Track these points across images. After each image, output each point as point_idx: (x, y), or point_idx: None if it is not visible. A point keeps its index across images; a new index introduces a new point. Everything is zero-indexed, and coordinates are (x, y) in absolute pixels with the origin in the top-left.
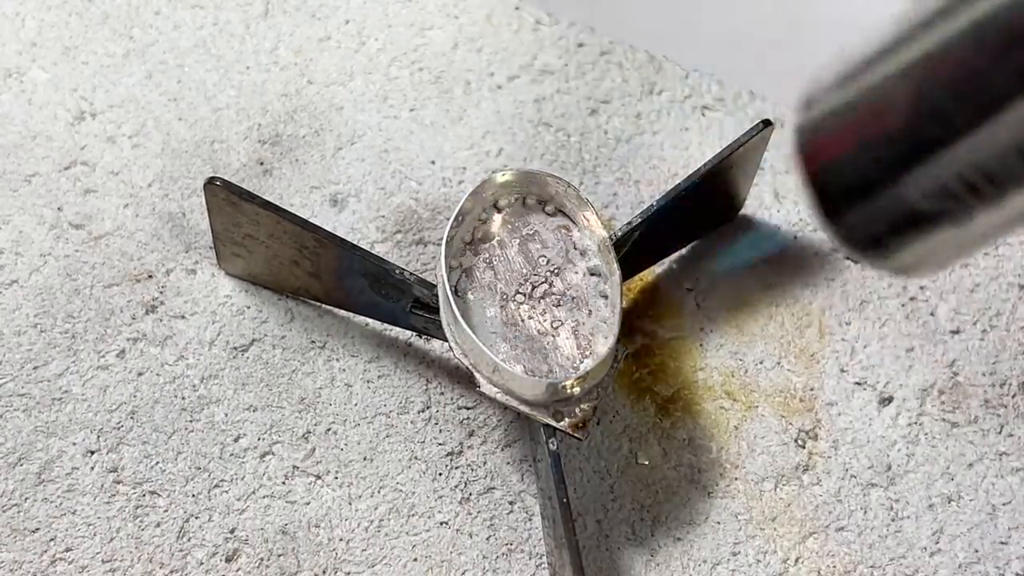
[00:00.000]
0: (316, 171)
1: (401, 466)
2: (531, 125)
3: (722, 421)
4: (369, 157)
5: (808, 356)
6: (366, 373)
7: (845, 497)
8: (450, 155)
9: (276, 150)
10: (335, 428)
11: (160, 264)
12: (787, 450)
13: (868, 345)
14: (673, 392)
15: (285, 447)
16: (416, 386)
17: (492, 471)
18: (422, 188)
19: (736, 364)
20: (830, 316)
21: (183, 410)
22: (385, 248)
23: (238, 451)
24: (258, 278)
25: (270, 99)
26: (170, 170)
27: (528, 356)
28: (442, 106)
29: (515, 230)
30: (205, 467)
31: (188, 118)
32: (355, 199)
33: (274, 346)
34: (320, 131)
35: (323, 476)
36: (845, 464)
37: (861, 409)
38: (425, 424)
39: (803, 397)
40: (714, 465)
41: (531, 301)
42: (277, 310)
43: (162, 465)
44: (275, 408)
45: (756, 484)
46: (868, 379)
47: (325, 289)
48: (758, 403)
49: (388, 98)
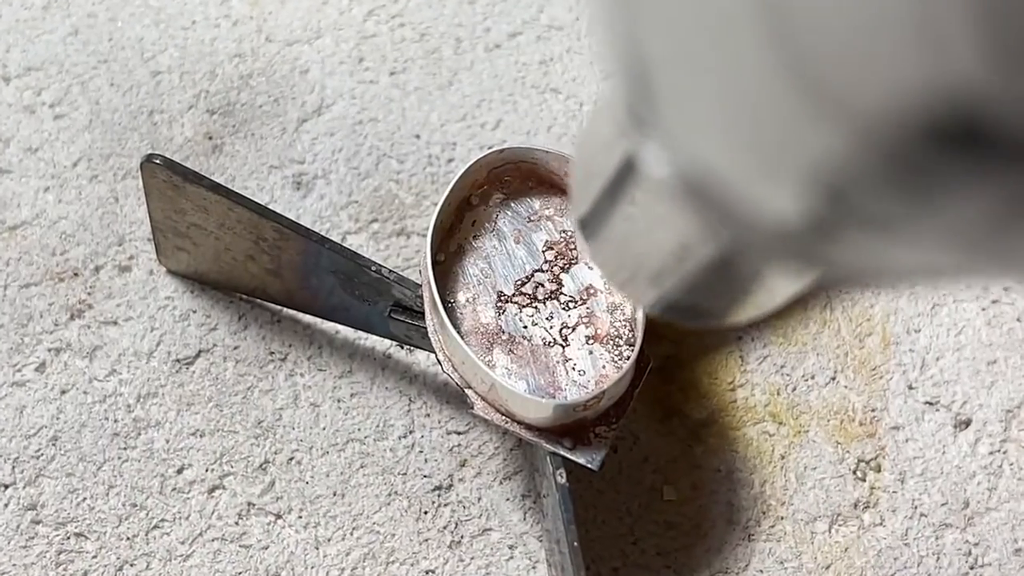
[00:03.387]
0: (276, 147)
1: (378, 503)
2: (535, 91)
3: (765, 449)
4: (340, 131)
5: (869, 370)
6: (336, 391)
7: (914, 540)
8: (438, 128)
9: (228, 122)
10: (299, 457)
11: (88, 260)
12: (844, 484)
13: (941, 357)
14: (707, 414)
15: (239, 480)
16: (396, 407)
17: (488, 509)
18: (404, 167)
19: (782, 380)
20: (895, 322)
21: (115, 435)
22: (359, 240)
23: (182, 485)
24: (206, 276)
25: (220, 61)
26: (100, 146)
27: (532, 371)
28: (428, 69)
29: (516, 217)
30: (142, 504)
31: (122, 84)
32: (323, 181)
33: (225, 358)
34: (281, 99)
35: (284, 515)
36: (914, 500)
37: (933, 434)
38: (407, 452)
39: (863, 420)
40: (756, 502)
41: (535, 304)
42: (229, 315)
43: (90, 502)
44: (226, 433)
45: (807, 525)
46: (941, 398)
47: (287, 289)
48: (809, 427)
49: (363, 59)
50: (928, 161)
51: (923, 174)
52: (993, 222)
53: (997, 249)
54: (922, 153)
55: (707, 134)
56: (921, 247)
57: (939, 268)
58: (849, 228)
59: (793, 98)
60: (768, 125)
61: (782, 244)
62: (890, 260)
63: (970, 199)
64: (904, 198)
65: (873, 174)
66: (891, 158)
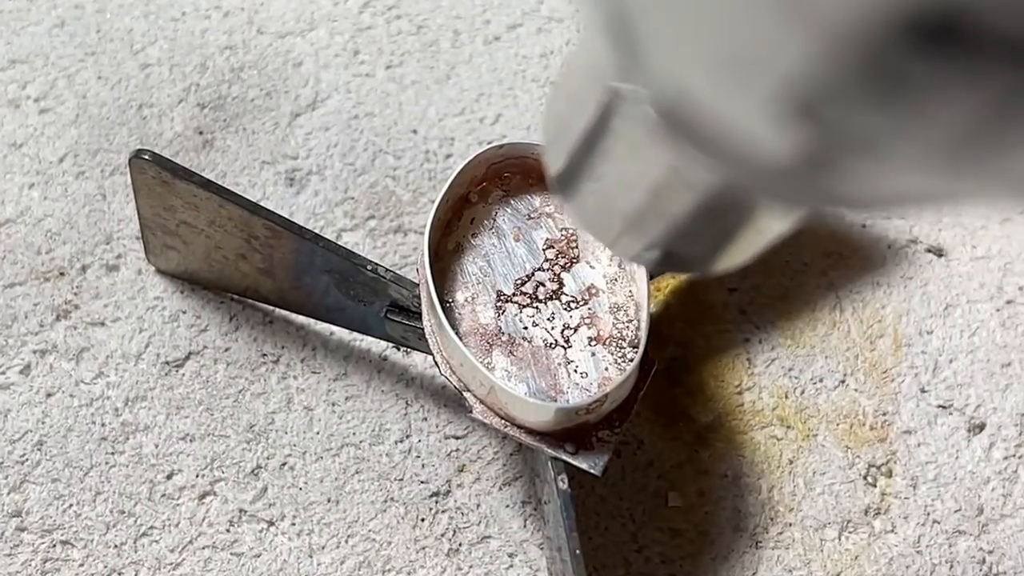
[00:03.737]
0: (268, 143)
1: (374, 510)
2: (536, 85)
3: (773, 453)
4: (335, 125)
5: (880, 373)
6: (330, 394)
7: (927, 548)
8: (435, 123)
9: (219, 116)
10: (292, 462)
11: (74, 259)
12: (854, 489)
13: (955, 359)
14: (713, 418)
15: (230, 486)
16: (393, 410)
17: (487, 516)
18: (401, 163)
19: (791, 383)
20: (907, 323)
21: (103, 440)
22: (354, 238)
23: (172, 491)
24: (196, 276)
25: (211, 53)
26: (87, 141)
27: (532, 373)
28: (425, 62)
29: (515, 215)
30: (130, 511)
31: (110, 77)
32: (317, 177)
33: (216, 360)
34: (273, 93)
35: (277, 522)
36: (926, 507)
37: (946, 438)
38: (404, 457)
39: (874, 424)
40: (763, 508)
41: (536, 304)
42: (220, 316)
43: (77, 508)
44: (217, 437)
45: (816, 532)
46: (955, 401)
47: (280, 289)
48: (818, 431)
49: (359, 52)
50: (906, 63)
51: (902, 78)
52: (980, 127)
53: (987, 160)
54: (899, 54)
55: (684, 55)
56: (909, 166)
57: (932, 190)
58: (833, 150)
59: (764, 4)
60: (740, 36)
61: (766, 175)
62: (880, 186)
63: (953, 103)
64: (885, 108)
65: (851, 82)
66: (868, 63)
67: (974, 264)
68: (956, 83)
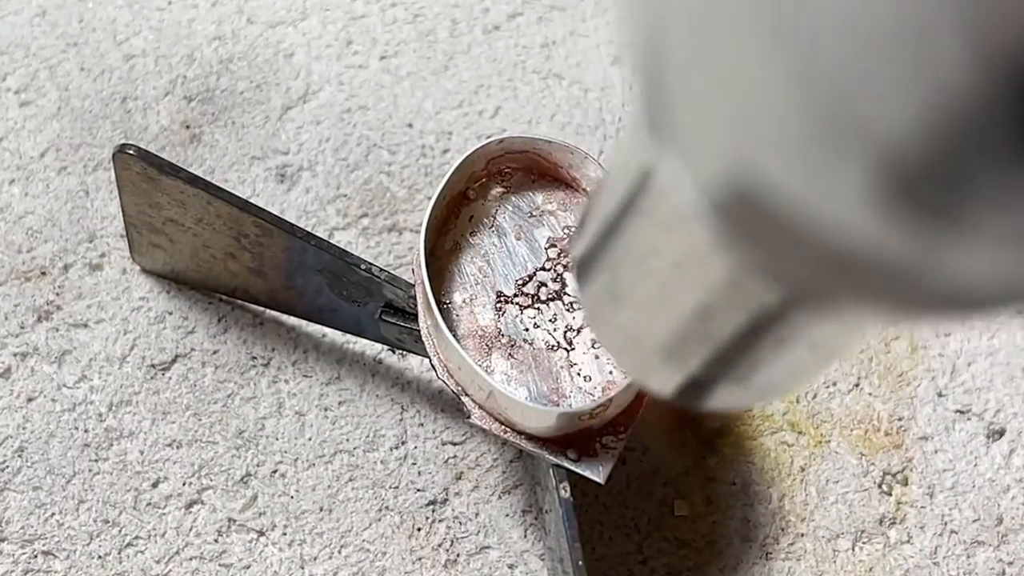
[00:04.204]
0: (258, 137)
1: (369, 519)
2: (537, 77)
3: (784, 460)
4: (327, 119)
5: (896, 376)
6: (323, 399)
7: (944, 559)
8: (432, 116)
9: (207, 110)
10: (283, 470)
11: (56, 257)
12: (869, 498)
13: (973, 362)
14: (721, 423)
15: (218, 494)
16: (388, 415)
17: (486, 525)
18: (396, 159)
19: None
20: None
21: (86, 446)
22: (348, 236)
23: (157, 499)
24: (183, 275)
25: (199, 44)
26: (69, 135)
27: (533, 377)
28: (422, 53)
29: (516, 212)
30: (115, 520)
31: (93, 68)
32: (309, 173)
33: (204, 364)
34: (263, 85)
35: (267, 532)
36: (943, 516)
37: (964, 445)
38: (399, 464)
39: (889, 429)
40: (774, 517)
41: (537, 305)
42: (208, 317)
43: (59, 517)
44: (205, 444)
45: (828, 542)
46: (973, 406)
47: (270, 290)
48: (831, 437)
49: (352, 42)
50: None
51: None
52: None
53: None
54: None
55: (740, 128)
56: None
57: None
58: (944, 235)
59: (876, 53)
60: (833, 97)
61: (852, 267)
62: (993, 275)
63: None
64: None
65: (980, 148)
66: (995, 116)
67: None
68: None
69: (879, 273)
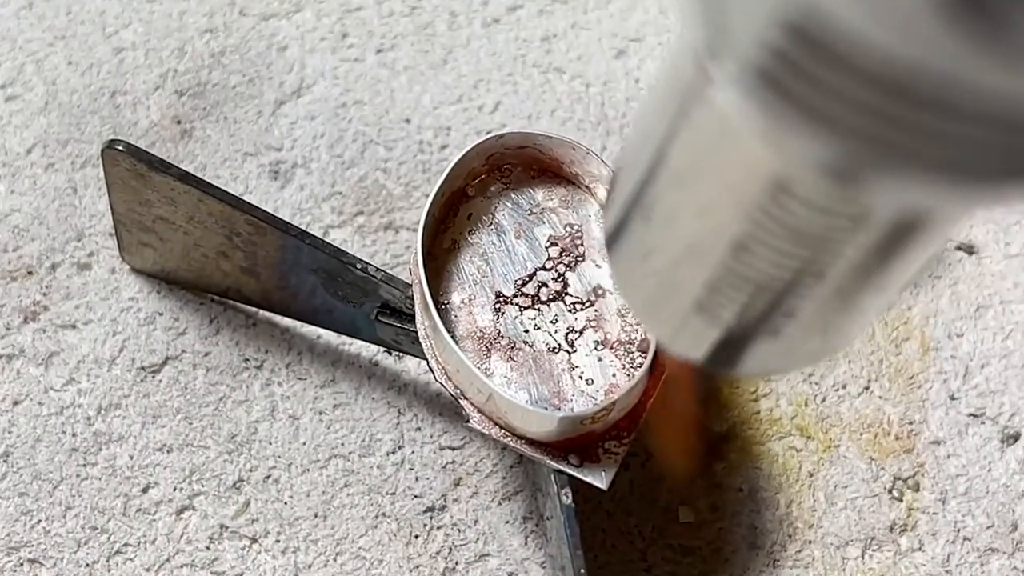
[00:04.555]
0: (251, 133)
1: (364, 526)
2: (537, 71)
3: (792, 465)
4: (322, 114)
5: (907, 379)
6: (318, 402)
7: (956, 567)
8: (430, 111)
9: (198, 104)
10: (276, 475)
11: (43, 256)
12: (879, 504)
13: (987, 364)
14: (728, 427)
15: (210, 500)
16: (384, 419)
17: (485, 532)
18: (392, 155)
19: (810, 389)
20: (936, 326)
21: (74, 451)
22: (343, 235)
23: (147, 505)
24: (174, 275)
25: (190, 36)
26: (56, 131)
27: (534, 380)
28: (419, 46)
29: (516, 210)
30: (103, 527)
31: (81, 62)
32: (303, 170)
33: (195, 366)
34: (256, 79)
35: (260, 539)
36: (956, 523)
37: (978, 449)
38: (396, 470)
39: (900, 434)
40: (781, 524)
41: (538, 305)
42: (199, 318)
43: (46, 524)
44: (196, 448)
45: (837, 549)
46: (987, 409)
47: (263, 290)
48: (840, 441)
49: (347, 35)
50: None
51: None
52: None
53: None
54: None
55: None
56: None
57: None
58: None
59: None
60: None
61: (913, 101)
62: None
63: None
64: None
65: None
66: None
67: (1008, 262)
68: None
69: (939, 108)
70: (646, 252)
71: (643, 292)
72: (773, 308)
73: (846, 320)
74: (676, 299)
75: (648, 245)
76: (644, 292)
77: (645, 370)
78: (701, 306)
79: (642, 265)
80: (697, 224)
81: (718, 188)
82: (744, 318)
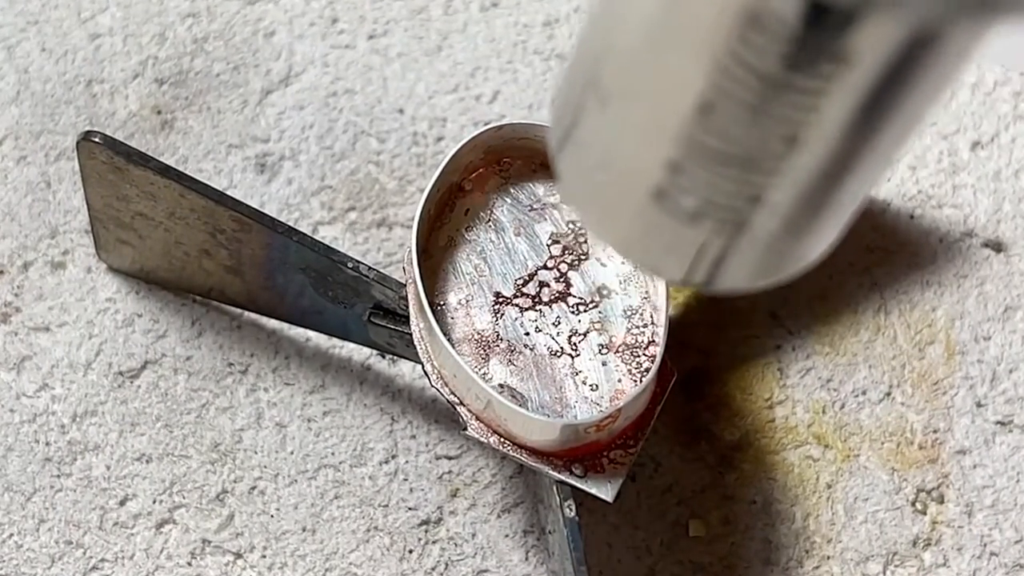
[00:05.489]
0: (236, 123)
1: (356, 540)
2: (539, 58)
3: (809, 476)
4: (311, 104)
5: (930, 385)
6: (306, 409)
7: None
8: (425, 101)
9: (179, 94)
10: (262, 486)
11: (15, 255)
12: (901, 517)
13: (1015, 369)
14: (740, 436)
15: (192, 513)
16: (377, 427)
17: (484, 547)
18: (385, 147)
19: (829, 396)
20: (961, 328)
21: (47, 461)
22: (333, 232)
23: (125, 519)
24: (154, 274)
25: (171, 22)
26: (29, 122)
27: (535, 385)
28: (413, 32)
29: (516, 206)
30: (79, 541)
31: (55, 48)
32: (291, 163)
33: (176, 371)
34: (241, 67)
35: (245, 554)
36: (983, 537)
37: (1006, 459)
38: (389, 480)
39: (923, 443)
40: (798, 538)
41: (539, 307)
42: (180, 320)
43: (18, 538)
44: (177, 458)
45: (857, 565)
46: (1015, 417)
47: (248, 290)
48: (860, 451)
49: (338, 20)
50: None
51: None
52: None
53: None
54: None
55: None
56: None
57: None
58: None
59: None
60: None
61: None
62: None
63: None
64: None
65: None
66: None
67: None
68: None
69: None
70: (600, 141)
71: (595, 190)
72: (740, 189)
73: (823, 212)
74: (633, 189)
75: (602, 132)
76: (596, 189)
77: (652, 375)
78: (661, 192)
79: (595, 156)
80: (659, 87)
81: (683, 33)
82: (708, 206)
